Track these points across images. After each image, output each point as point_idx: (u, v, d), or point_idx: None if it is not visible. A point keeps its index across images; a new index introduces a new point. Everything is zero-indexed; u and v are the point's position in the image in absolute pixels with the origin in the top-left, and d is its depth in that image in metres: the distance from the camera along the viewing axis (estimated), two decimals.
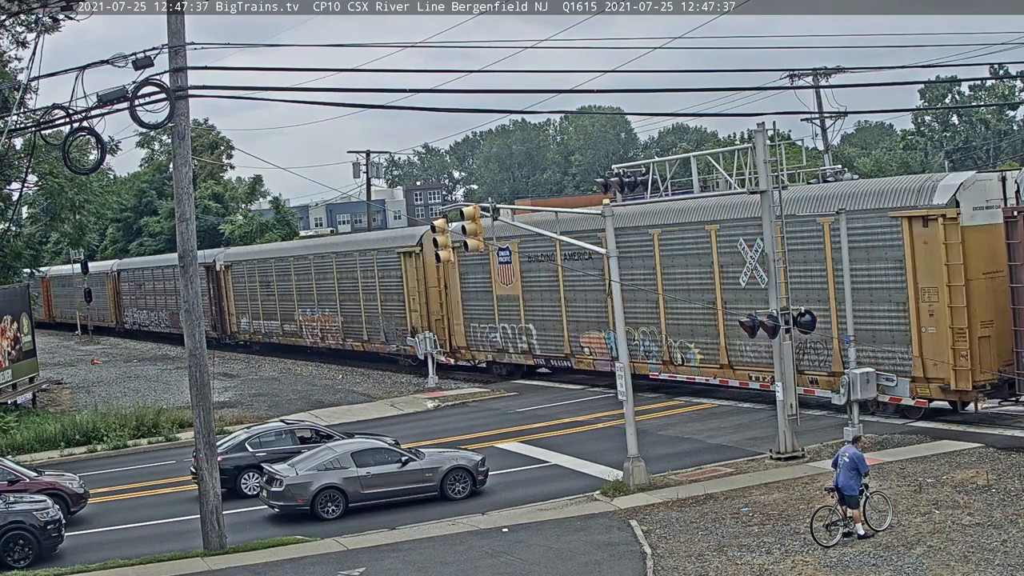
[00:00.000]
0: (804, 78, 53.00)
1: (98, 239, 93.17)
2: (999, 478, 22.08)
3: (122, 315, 77.56)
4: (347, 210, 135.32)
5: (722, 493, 23.07)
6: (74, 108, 21.04)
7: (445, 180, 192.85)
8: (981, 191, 27.30)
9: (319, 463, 24.69)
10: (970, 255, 27.00)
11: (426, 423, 35.85)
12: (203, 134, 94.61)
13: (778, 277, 25.94)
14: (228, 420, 36.71)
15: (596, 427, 32.15)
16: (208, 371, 22.34)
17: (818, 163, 49.40)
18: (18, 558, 22.01)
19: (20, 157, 43.53)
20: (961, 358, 27.00)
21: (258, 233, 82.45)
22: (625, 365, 24.87)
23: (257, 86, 23.14)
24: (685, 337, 34.54)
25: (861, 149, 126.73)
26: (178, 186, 22.10)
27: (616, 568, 18.66)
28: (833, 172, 35.20)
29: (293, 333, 56.22)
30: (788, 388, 25.72)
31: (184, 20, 21.24)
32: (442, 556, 20.17)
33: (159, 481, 29.80)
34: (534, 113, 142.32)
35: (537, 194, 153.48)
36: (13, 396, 41.54)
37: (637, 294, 34.74)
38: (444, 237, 26.77)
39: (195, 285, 22.17)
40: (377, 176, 73.02)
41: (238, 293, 61.31)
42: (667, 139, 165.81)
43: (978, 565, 17.09)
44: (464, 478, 25.17)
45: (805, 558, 18.19)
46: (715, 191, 30.49)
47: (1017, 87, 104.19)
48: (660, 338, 35.39)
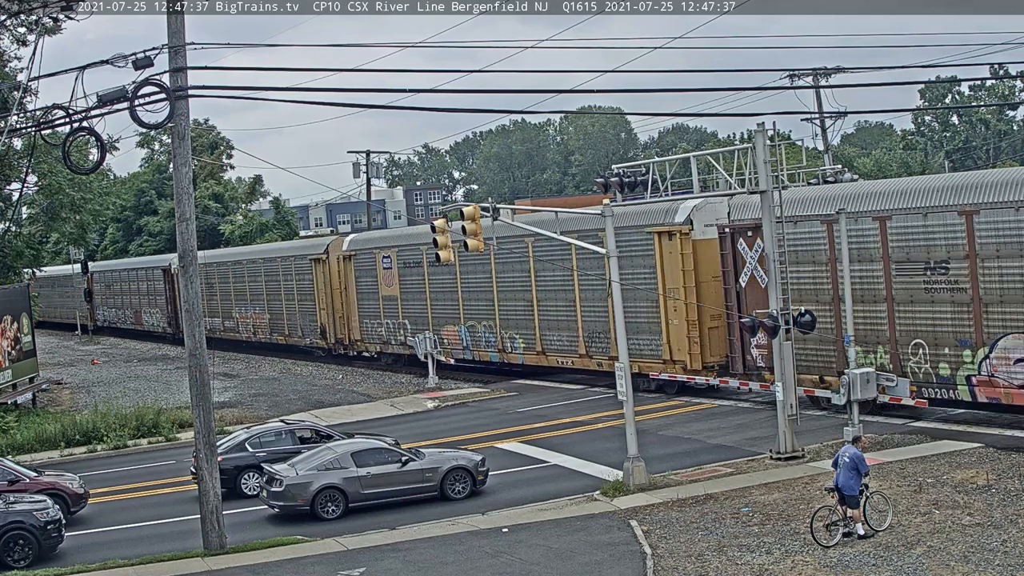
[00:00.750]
0: (804, 78, 53.02)
1: (98, 239, 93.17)
2: (999, 478, 22.08)
3: (95, 313, 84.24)
4: (347, 210, 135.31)
5: (722, 493, 23.07)
6: (74, 108, 21.04)
7: (445, 180, 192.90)
8: (712, 212, 33.94)
9: (319, 463, 24.69)
10: (701, 262, 34.06)
11: (426, 423, 35.86)
12: (203, 134, 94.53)
13: (778, 277, 25.97)
14: (228, 420, 36.72)
15: (596, 427, 32.15)
16: (208, 371, 22.35)
17: (818, 163, 49.41)
18: (18, 558, 22.02)
19: (20, 157, 43.51)
20: (695, 344, 34.23)
21: (258, 233, 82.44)
22: (625, 365, 24.85)
23: (257, 86, 23.17)
24: (513, 330, 41.92)
25: (861, 149, 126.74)
26: (178, 186, 22.10)
27: (616, 568, 18.66)
28: (833, 172, 35.22)
29: (232, 328, 63.78)
30: (788, 388, 25.73)
31: (184, 20, 21.25)
32: (442, 556, 20.17)
33: (159, 481, 29.81)
34: (534, 113, 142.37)
35: (537, 194, 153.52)
36: (13, 396, 41.55)
37: (480, 296, 43.36)
38: (444, 237, 26.79)
39: (195, 285, 22.15)
40: (377, 176, 73.05)
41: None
42: (667, 139, 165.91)
43: (978, 565, 17.09)
44: (464, 478, 25.18)
45: (805, 558, 18.19)
46: (715, 191, 30.58)
47: (1017, 87, 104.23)
48: (496, 331, 42.88)
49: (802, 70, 53.11)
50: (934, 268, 27.38)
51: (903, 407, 28.49)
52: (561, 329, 39.72)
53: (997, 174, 27.77)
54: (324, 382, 48.04)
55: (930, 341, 27.56)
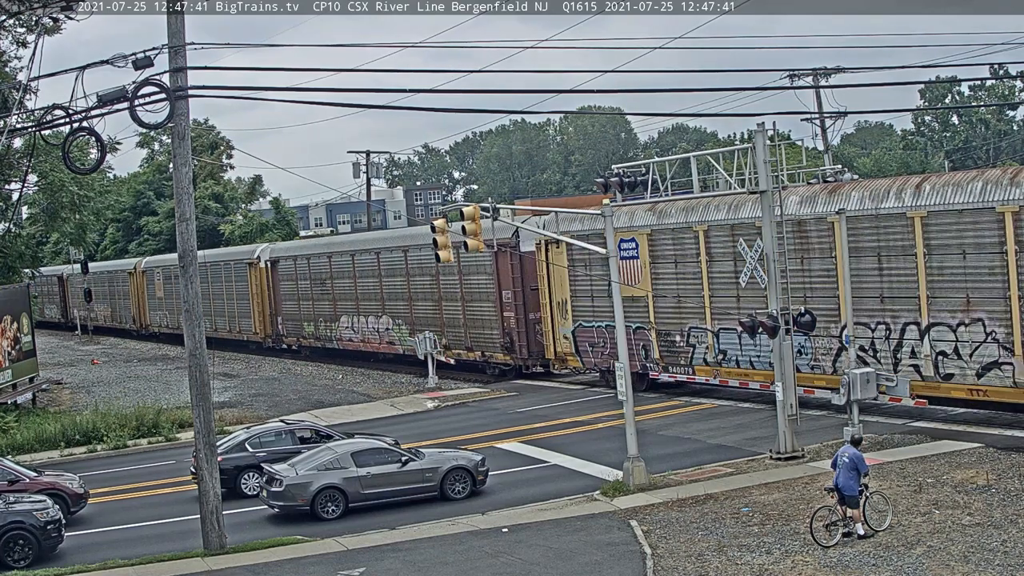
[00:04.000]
0: (804, 78, 53.00)
1: (98, 239, 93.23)
2: (999, 478, 22.08)
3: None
4: (347, 210, 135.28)
5: (722, 493, 23.07)
6: (74, 108, 21.03)
7: (445, 180, 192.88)
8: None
9: (319, 463, 24.69)
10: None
11: (426, 423, 35.86)
12: (203, 134, 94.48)
13: (777, 277, 25.97)
14: (228, 420, 36.71)
15: (596, 427, 32.15)
16: (208, 371, 22.34)
17: (818, 163, 49.37)
18: (18, 558, 22.02)
19: (20, 157, 43.50)
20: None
21: (258, 233, 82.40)
22: (625, 365, 24.85)
23: (256, 86, 23.18)
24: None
25: (861, 149, 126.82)
26: (178, 186, 22.09)
27: (616, 568, 18.66)
28: (833, 172, 35.18)
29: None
30: (788, 388, 25.72)
31: (184, 20, 21.24)
32: (442, 556, 20.17)
33: (159, 481, 29.81)
34: (534, 113, 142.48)
35: (537, 194, 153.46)
36: (13, 396, 41.56)
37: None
38: (444, 237, 26.87)
39: (195, 285, 22.13)
40: (377, 176, 73.09)
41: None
42: (667, 139, 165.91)
43: (978, 565, 17.09)
44: (464, 478, 25.17)
45: (805, 558, 18.19)
46: (715, 191, 30.61)
47: (1017, 87, 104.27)
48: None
49: (802, 70, 53.12)
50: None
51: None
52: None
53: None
54: (324, 382, 48.05)
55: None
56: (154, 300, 74.16)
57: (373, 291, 50.60)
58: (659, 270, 35.04)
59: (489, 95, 38.35)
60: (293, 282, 57.67)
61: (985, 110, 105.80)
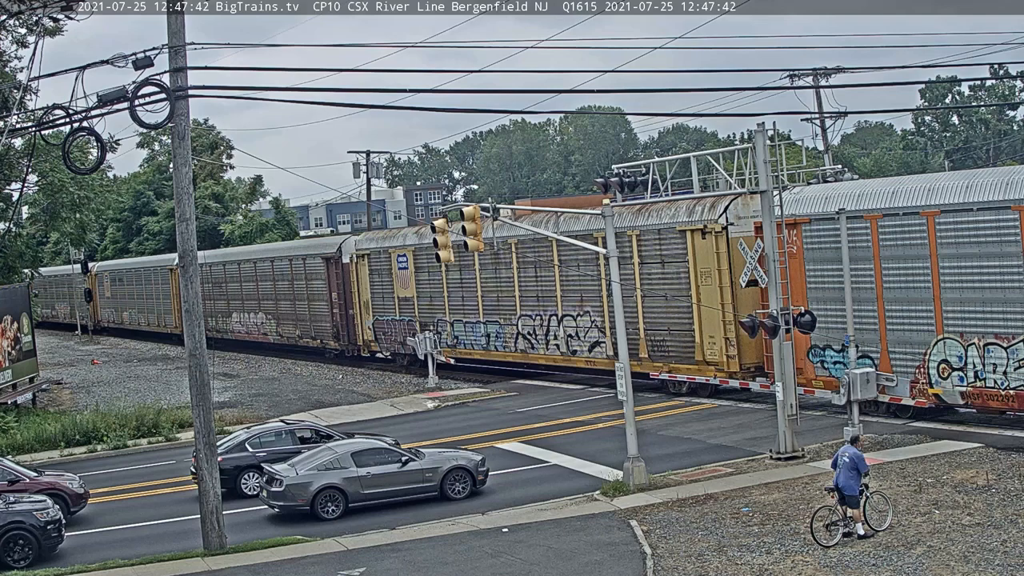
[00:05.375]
0: (804, 78, 52.96)
1: (98, 239, 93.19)
2: (999, 478, 22.08)
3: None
4: (347, 210, 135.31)
5: (722, 493, 23.07)
6: (74, 108, 21.03)
7: (445, 180, 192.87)
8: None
9: (319, 463, 24.69)
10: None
11: (426, 423, 35.87)
12: (203, 134, 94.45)
13: (778, 277, 25.97)
14: (228, 420, 36.71)
15: (596, 427, 32.16)
16: (208, 371, 22.34)
17: (818, 163, 49.39)
18: (18, 558, 22.02)
19: (20, 157, 43.50)
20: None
21: (258, 233, 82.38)
22: (625, 365, 24.85)
23: (256, 86, 23.15)
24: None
25: (861, 149, 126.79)
26: (178, 186, 22.09)
27: (616, 568, 18.66)
28: (833, 172, 35.19)
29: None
30: (788, 388, 25.72)
31: (184, 20, 21.24)
32: (442, 556, 20.17)
33: (159, 481, 29.81)
34: (534, 113, 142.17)
35: (537, 194, 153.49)
36: (13, 396, 41.55)
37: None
38: (444, 237, 26.85)
39: (195, 285, 22.14)
40: (377, 176, 72.90)
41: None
42: (667, 139, 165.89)
43: (978, 565, 17.10)
44: (464, 478, 25.18)
45: (805, 558, 18.19)
46: (715, 191, 30.60)
47: (1017, 87, 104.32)
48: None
49: (802, 70, 53.05)
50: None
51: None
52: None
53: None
54: (324, 382, 48.05)
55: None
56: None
57: (253, 293, 62.51)
58: (420, 278, 47.87)
59: (489, 95, 38.57)
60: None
61: (985, 110, 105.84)
